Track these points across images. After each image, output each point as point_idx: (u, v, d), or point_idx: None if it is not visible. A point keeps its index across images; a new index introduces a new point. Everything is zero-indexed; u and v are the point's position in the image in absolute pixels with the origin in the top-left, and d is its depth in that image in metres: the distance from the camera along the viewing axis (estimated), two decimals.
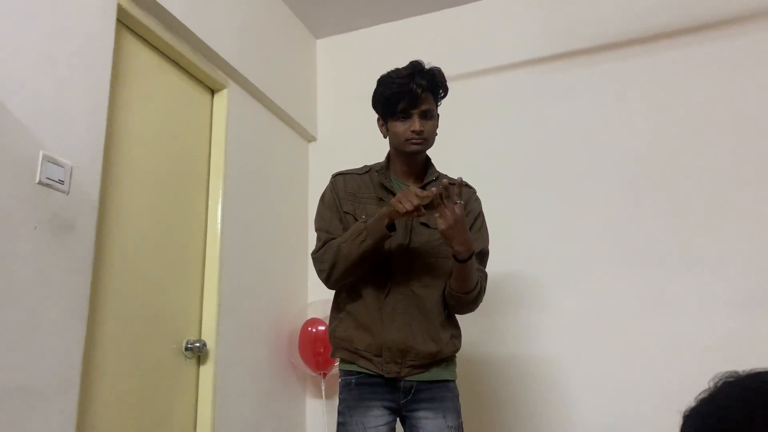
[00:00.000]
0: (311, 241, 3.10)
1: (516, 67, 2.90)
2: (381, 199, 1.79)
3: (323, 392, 2.71)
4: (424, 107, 1.73)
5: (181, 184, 2.31)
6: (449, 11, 3.12)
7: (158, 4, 2.10)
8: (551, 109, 2.78)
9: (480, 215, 1.89)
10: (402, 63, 1.89)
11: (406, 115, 1.74)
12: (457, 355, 1.81)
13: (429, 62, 1.78)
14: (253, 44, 2.74)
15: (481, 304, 1.80)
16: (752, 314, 2.28)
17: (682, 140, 2.54)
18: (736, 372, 0.71)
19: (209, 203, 2.44)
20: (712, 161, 2.47)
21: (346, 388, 1.73)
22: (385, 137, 1.85)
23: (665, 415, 2.25)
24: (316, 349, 2.61)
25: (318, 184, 3.17)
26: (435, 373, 1.74)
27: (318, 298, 2.90)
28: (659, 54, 2.66)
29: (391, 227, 1.64)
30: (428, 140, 1.78)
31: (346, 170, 1.91)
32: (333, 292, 1.91)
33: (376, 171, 1.85)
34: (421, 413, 1.70)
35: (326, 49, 3.39)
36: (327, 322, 2.65)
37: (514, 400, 2.52)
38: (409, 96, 1.71)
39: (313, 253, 1.82)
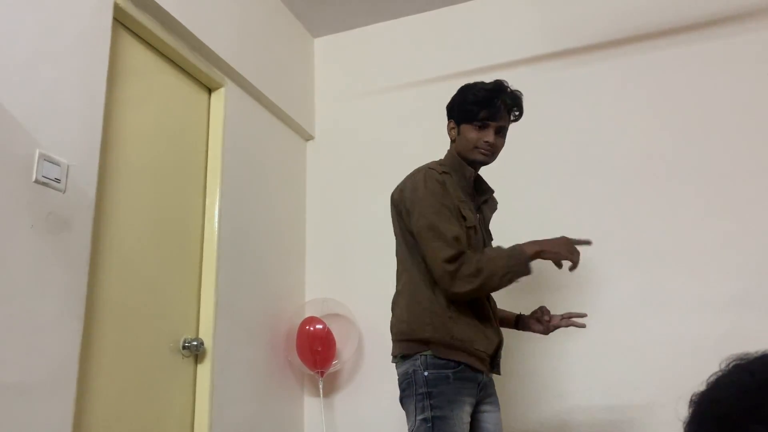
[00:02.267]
0: (309, 239, 3.12)
1: (513, 65, 2.90)
2: (477, 207, 1.89)
3: (321, 391, 2.71)
4: (501, 122, 1.81)
5: (178, 182, 2.30)
6: (446, 10, 3.12)
7: (155, 3, 2.09)
8: (550, 106, 2.78)
9: None
10: (399, 62, 1.90)
11: (483, 125, 1.79)
12: None
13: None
14: (251, 43, 2.74)
15: None
16: (749, 311, 2.28)
17: (680, 138, 2.54)
18: (747, 354, 0.69)
19: (206, 202, 2.43)
20: (710, 159, 2.48)
21: (443, 381, 1.66)
22: (452, 140, 1.89)
23: (662, 411, 2.26)
24: (314, 347, 2.61)
25: (315, 183, 3.18)
26: None
27: (315, 297, 2.91)
28: (657, 52, 2.66)
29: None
30: (494, 155, 1.85)
31: (439, 167, 1.82)
32: (331, 292, 1.90)
33: (467, 177, 1.88)
34: (486, 406, 1.79)
35: (324, 47, 3.38)
36: (324, 321, 2.66)
37: (511, 395, 2.52)
38: (493, 107, 1.77)
39: (448, 261, 1.66)
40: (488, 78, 2.90)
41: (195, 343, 2.21)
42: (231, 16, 2.60)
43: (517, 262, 1.68)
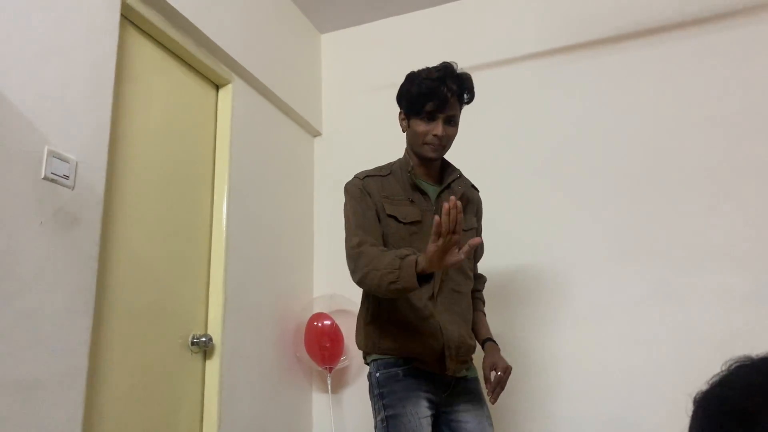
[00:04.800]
0: (317, 236, 3.12)
1: (519, 60, 2.89)
2: (412, 201, 1.77)
3: (329, 387, 2.71)
4: (450, 112, 1.72)
5: (186, 179, 2.31)
6: (453, 5, 3.11)
7: (162, 0, 2.10)
8: (559, 102, 2.77)
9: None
10: (407, 57, 1.88)
11: (431, 117, 1.72)
12: None
13: (461, 66, 1.75)
14: (258, 39, 2.74)
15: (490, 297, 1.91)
16: (759, 307, 2.26)
17: (688, 133, 2.52)
18: (749, 356, 0.71)
19: (214, 198, 2.44)
20: (719, 154, 2.45)
21: (392, 380, 1.69)
22: (404, 131, 1.84)
23: (672, 407, 2.25)
24: (322, 343, 2.62)
25: (323, 179, 3.17)
26: (471, 371, 1.81)
27: (323, 293, 2.91)
28: (663, 46, 2.64)
29: (423, 278, 1.50)
30: (446, 147, 1.77)
31: (371, 172, 1.83)
32: (339, 288, 1.90)
33: (408, 171, 1.79)
34: (461, 406, 1.74)
35: (331, 43, 3.38)
36: (332, 317, 2.67)
37: (522, 391, 2.51)
38: (438, 98, 1.68)
39: (349, 249, 1.69)
40: (495, 74, 2.93)
41: (204, 339, 2.22)
42: (238, 12, 2.60)
43: (406, 264, 1.49)
